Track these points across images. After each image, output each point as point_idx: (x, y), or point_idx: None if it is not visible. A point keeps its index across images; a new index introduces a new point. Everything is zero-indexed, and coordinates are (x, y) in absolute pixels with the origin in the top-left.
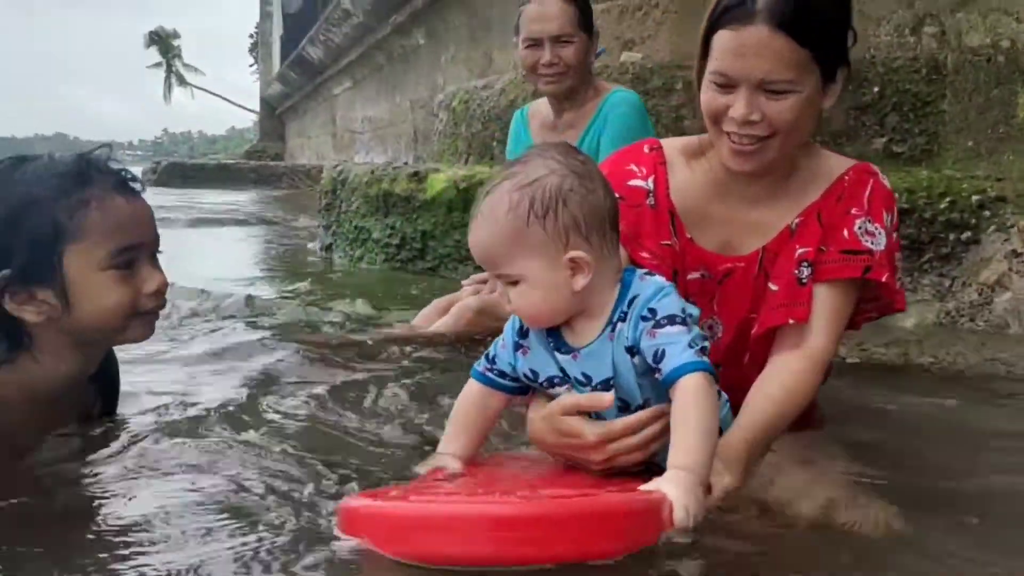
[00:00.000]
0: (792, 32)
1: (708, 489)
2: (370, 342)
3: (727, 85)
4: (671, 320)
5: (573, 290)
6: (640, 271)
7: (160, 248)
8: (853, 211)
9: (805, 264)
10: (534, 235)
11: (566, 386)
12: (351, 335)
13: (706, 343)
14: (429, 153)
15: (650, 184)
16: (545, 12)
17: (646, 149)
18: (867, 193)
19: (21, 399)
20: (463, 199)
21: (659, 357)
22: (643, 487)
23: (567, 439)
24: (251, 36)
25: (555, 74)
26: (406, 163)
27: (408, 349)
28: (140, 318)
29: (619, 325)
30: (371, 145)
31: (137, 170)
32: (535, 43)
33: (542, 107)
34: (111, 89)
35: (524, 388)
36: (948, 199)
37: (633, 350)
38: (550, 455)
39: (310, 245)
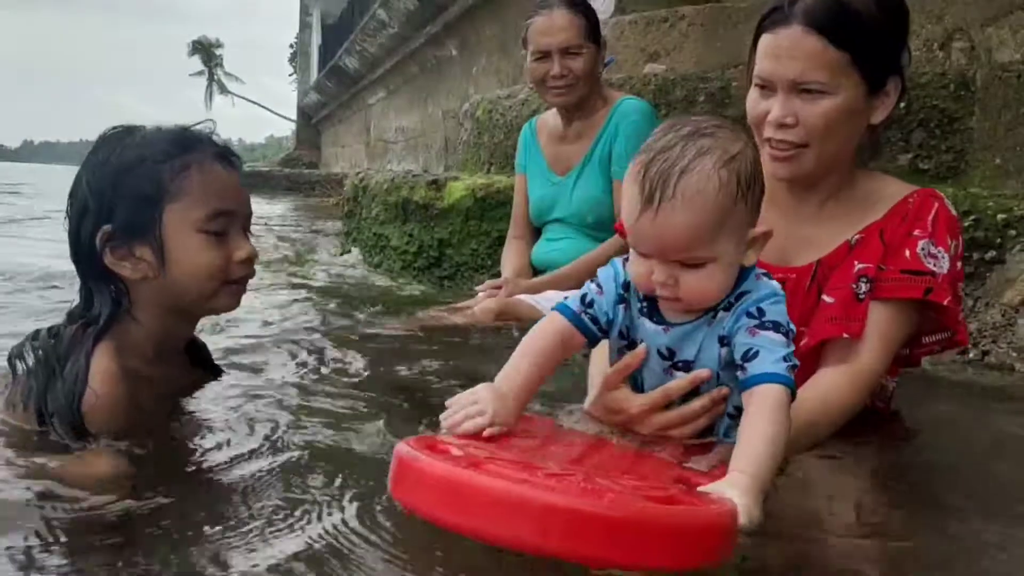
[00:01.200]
0: (826, 33)
1: None
2: (400, 329)
3: (766, 88)
4: (775, 327)
5: (744, 266)
6: (757, 269)
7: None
8: (916, 232)
9: (864, 280)
10: (739, 213)
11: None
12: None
13: (796, 364)
14: (456, 162)
15: None
16: (553, 24)
17: None
18: (931, 216)
19: (139, 363)
20: (480, 208)
21: (750, 356)
22: (706, 488)
23: (615, 415)
24: (291, 46)
25: (564, 86)
26: (425, 171)
27: (439, 335)
28: (228, 287)
29: (721, 313)
30: (403, 155)
31: None
32: (544, 55)
33: (550, 118)
34: (153, 96)
35: (602, 338)
36: (973, 217)
37: (726, 340)
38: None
39: (330, 252)
